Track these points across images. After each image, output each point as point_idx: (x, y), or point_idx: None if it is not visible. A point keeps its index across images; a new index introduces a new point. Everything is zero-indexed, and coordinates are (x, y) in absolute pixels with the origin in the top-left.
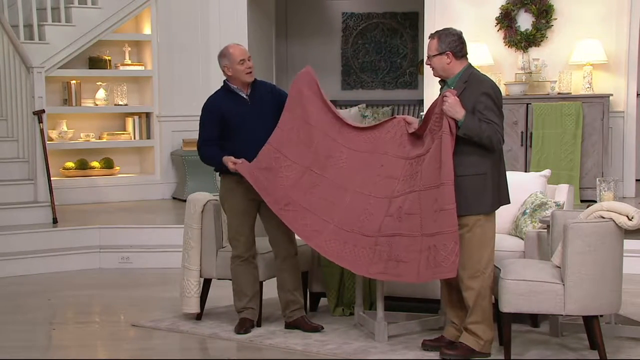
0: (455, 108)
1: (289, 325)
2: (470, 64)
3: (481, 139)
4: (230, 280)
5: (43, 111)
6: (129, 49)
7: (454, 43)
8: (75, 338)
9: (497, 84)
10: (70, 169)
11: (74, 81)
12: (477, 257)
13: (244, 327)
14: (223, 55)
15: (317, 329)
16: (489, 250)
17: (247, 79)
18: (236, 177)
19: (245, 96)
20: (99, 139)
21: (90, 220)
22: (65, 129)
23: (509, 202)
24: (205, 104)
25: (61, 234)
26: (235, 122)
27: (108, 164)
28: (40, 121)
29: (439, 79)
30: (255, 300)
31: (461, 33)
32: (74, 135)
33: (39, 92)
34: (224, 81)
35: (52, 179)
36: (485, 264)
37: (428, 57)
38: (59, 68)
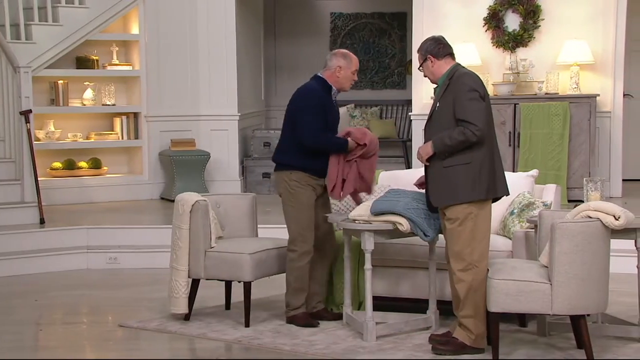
0: (424, 151)
1: (314, 316)
2: (458, 64)
3: (454, 148)
4: (219, 280)
5: (30, 111)
6: (117, 48)
7: (430, 46)
8: (63, 339)
9: (480, 78)
10: (58, 169)
11: (61, 81)
12: (468, 250)
13: (310, 319)
14: (344, 56)
15: (338, 318)
16: (483, 244)
17: (346, 89)
18: (308, 173)
19: (334, 100)
20: (87, 139)
21: (77, 220)
22: (52, 129)
23: (505, 194)
24: (310, 94)
25: (48, 234)
26: (330, 122)
27: (96, 164)
28: (27, 121)
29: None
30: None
31: (440, 36)
32: (62, 135)
33: (25, 92)
34: (322, 78)
35: (39, 179)
36: (478, 257)
37: (419, 70)
38: (46, 68)
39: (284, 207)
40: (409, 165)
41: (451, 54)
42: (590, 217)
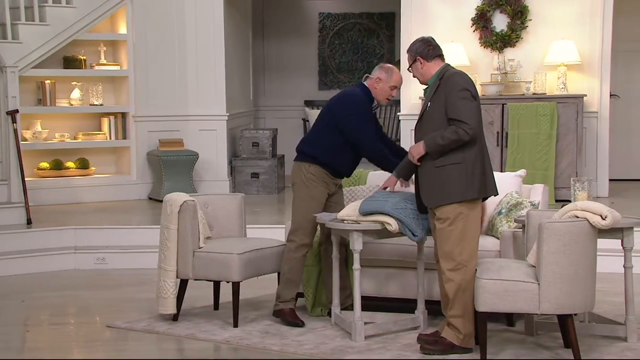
0: (416, 151)
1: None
2: (448, 65)
3: (447, 147)
4: (208, 280)
5: (17, 111)
6: (104, 48)
7: (420, 48)
8: (50, 340)
9: (470, 77)
10: (45, 170)
11: (48, 81)
12: (458, 250)
13: (297, 318)
14: (386, 70)
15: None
16: (472, 244)
17: (382, 103)
18: (327, 170)
19: (373, 111)
20: (74, 139)
21: (65, 220)
22: (39, 129)
23: (494, 194)
24: (359, 101)
25: (36, 234)
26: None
27: (83, 164)
28: (13, 121)
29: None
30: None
31: (429, 38)
32: (49, 135)
33: (12, 91)
34: (366, 87)
35: (26, 179)
36: (468, 257)
37: (409, 71)
38: (33, 67)
39: (294, 196)
40: None
41: (440, 56)
42: (578, 217)
